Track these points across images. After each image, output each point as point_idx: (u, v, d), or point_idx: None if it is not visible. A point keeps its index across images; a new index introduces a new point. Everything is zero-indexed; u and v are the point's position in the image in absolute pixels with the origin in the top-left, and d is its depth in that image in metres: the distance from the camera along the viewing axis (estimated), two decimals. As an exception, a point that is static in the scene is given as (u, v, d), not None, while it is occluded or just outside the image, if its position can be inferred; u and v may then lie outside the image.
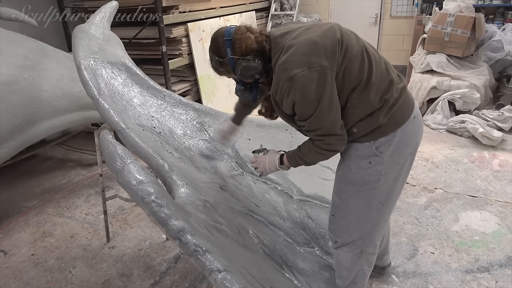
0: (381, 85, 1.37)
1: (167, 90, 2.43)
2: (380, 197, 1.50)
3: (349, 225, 1.57)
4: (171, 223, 1.24)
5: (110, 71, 2.24)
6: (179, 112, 2.36)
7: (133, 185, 1.33)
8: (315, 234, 2.08)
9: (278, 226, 1.94)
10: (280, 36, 1.39)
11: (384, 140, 1.40)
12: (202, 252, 1.19)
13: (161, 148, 1.96)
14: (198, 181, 1.84)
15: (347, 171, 1.49)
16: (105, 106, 1.92)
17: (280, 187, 2.29)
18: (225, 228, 1.55)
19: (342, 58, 1.32)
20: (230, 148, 2.37)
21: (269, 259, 1.63)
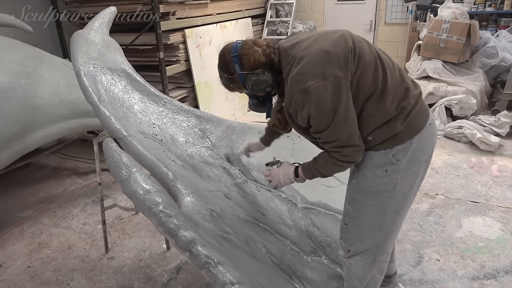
0: (396, 93, 1.34)
1: (168, 97, 2.39)
2: (395, 205, 1.46)
3: (363, 234, 1.53)
4: (181, 234, 1.20)
5: (110, 77, 2.20)
6: (180, 119, 2.32)
7: (139, 194, 1.29)
8: (321, 243, 2.04)
9: (284, 235, 1.90)
10: (290, 47, 1.37)
11: (401, 147, 1.37)
12: (214, 264, 1.15)
13: (164, 156, 1.92)
14: (203, 190, 1.80)
15: (362, 180, 1.45)
16: (105, 113, 1.87)
17: (284, 194, 2.25)
18: (233, 238, 1.50)
19: (356, 66, 1.29)
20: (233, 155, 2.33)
21: (278, 270, 1.58)
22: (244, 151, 2.04)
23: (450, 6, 4.84)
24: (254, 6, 5.78)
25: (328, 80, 1.23)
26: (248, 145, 2.01)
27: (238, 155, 2.23)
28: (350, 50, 1.29)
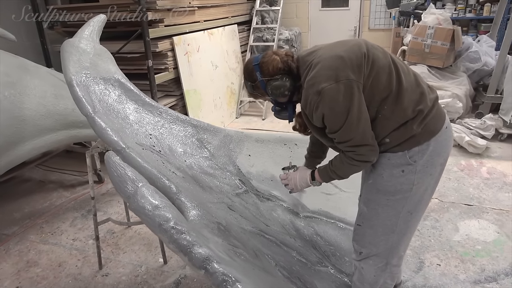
0: (412, 96, 1.38)
1: (163, 107, 2.33)
2: (409, 206, 1.48)
3: (376, 235, 1.54)
4: (195, 251, 1.14)
5: (103, 87, 2.12)
6: (177, 129, 2.25)
7: (148, 210, 1.22)
8: (326, 252, 2.01)
9: (290, 246, 1.86)
10: (307, 55, 1.46)
11: (418, 149, 1.39)
12: (232, 282, 1.09)
13: (164, 168, 1.85)
14: (206, 202, 1.74)
15: (378, 179, 1.47)
16: (102, 125, 1.79)
17: (286, 204, 2.21)
18: (242, 251, 1.45)
19: (369, 70, 1.34)
20: (231, 165, 2.28)
21: (289, 282, 1.54)
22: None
23: (434, 12, 4.95)
24: (240, 13, 5.76)
25: (341, 82, 1.29)
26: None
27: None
28: (364, 55, 1.34)
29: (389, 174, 1.43)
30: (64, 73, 1.99)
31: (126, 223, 2.52)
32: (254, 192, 2.17)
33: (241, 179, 2.20)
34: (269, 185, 2.31)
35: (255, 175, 2.30)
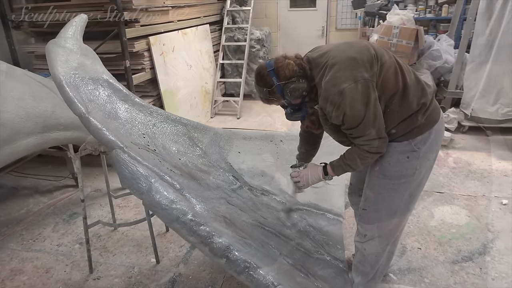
0: (416, 91, 1.51)
1: (153, 106, 2.33)
2: (411, 189, 1.63)
3: (381, 218, 1.67)
4: (216, 241, 1.18)
5: (92, 87, 2.10)
6: (168, 128, 2.27)
7: (165, 205, 1.25)
8: (320, 241, 2.10)
9: (288, 236, 1.93)
10: (319, 57, 1.54)
11: (421, 138, 1.54)
12: (253, 268, 1.15)
13: (162, 166, 1.87)
14: (208, 197, 1.78)
15: (385, 165, 1.59)
16: (97, 125, 1.78)
17: (278, 198, 2.28)
18: (251, 242, 1.51)
19: (379, 69, 1.46)
20: (223, 162, 2.32)
21: (296, 270, 1.61)
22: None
23: (398, 13, 5.20)
24: (211, 13, 5.78)
25: (359, 82, 1.39)
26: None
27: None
28: (373, 56, 1.46)
29: (396, 160, 1.56)
30: (53, 74, 1.95)
31: (118, 225, 2.49)
32: (248, 187, 2.22)
33: (234, 175, 2.25)
34: (260, 180, 2.37)
35: (246, 171, 2.35)
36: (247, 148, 2.54)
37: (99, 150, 2.18)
